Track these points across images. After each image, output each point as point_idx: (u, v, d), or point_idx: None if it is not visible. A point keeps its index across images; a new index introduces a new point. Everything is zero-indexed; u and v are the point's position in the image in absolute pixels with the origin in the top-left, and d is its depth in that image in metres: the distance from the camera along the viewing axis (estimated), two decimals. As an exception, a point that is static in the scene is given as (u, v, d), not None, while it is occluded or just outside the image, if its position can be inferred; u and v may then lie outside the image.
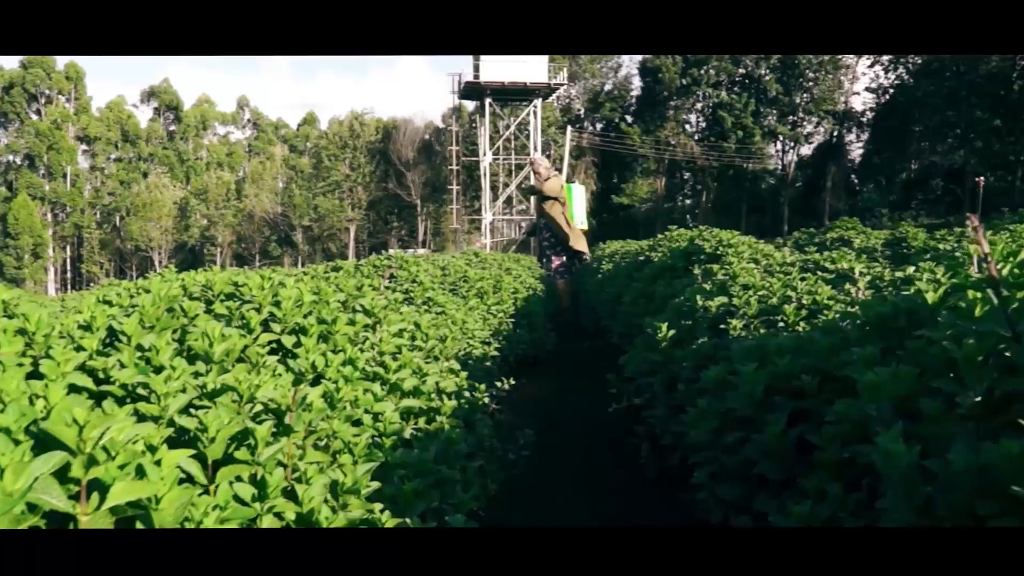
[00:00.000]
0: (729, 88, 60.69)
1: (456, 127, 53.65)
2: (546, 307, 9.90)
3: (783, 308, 3.06)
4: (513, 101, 50.59)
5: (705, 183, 63.50)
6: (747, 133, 59.14)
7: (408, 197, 66.69)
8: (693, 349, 3.28)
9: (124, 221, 72.14)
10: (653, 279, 6.43)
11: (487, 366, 5.22)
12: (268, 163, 74.32)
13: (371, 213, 70.95)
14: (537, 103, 48.49)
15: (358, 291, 3.19)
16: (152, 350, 1.80)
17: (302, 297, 2.60)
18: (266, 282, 2.61)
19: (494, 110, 50.05)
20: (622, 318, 6.59)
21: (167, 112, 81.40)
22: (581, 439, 4.64)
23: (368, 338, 2.80)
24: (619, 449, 4.14)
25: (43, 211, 70.77)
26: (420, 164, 66.15)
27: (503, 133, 51.26)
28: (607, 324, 7.41)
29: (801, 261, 4.45)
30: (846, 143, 62.51)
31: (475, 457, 2.97)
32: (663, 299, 5.67)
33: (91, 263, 72.88)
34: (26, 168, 71.01)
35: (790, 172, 62.33)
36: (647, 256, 7.57)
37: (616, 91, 67.11)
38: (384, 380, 2.49)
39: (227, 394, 1.68)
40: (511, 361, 6.41)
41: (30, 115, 72.38)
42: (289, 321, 2.45)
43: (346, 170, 69.47)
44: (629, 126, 62.98)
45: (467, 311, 5.94)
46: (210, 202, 72.11)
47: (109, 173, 75.74)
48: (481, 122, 49.51)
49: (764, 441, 2.11)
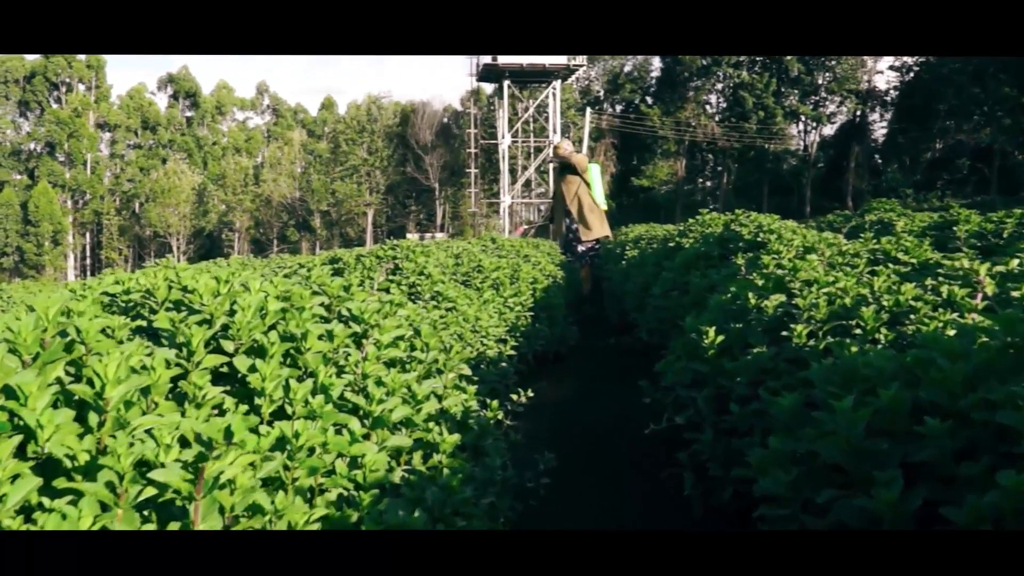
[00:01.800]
0: (750, 68, 59.65)
1: (474, 110, 53.04)
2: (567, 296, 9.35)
3: (860, 311, 2.50)
4: (532, 83, 50.03)
5: (726, 164, 62.62)
6: (768, 113, 58.13)
7: (426, 181, 66.04)
8: (747, 360, 2.72)
9: (143, 208, 72.05)
10: (686, 268, 5.86)
11: (503, 367, 4.67)
12: (286, 148, 73.85)
13: (389, 197, 70.41)
14: (556, 85, 47.81)
15: (345, 292, 2.65)
16: (20, 397, 1.27)
17: (266, 304, 2.06)
18: (222, 286, 2.07)
19: (513, 92, 49.44)
20: (652, 311, 6.03)
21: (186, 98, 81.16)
22: (610, 462, 4.04)
23: (352, 355, 2.26)
24: (655, 478, 3.56)
25: (63, 198, 70.80)
26: (438, 147, 65.45)
27: (522, 115, 50.61)
28: (635, 317, 6.84)
29: (868, 251, 3.85)
30: (869, 122, 61.34)
31: (484, 492, 2.44)
32: (699, 291, 5.11)
33: (110, 249, 72.87)
34: (47, 156, 71.02)
35: (812, 153, 61.33)
36: (677, 242, 6.99)
37: (636, 72, 66.27)
38: (366, 413, 1.96)
39: (103, 473, 1.15)
40: (530, 359, 5.87)
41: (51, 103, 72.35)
42: (244, 337, 1.92)
43: (364, 154, 68.93)
44: (649, 107, 62.18)
45: (481, 305, 5.40)
46: (228, 188, 71.81)
47: (129, 160, 75.70)
48: (499, 104, 48.92)
49: (871, 508, 1.55)
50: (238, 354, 1.90)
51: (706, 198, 64.22)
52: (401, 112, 69.24)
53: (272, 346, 1.86)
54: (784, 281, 3.14)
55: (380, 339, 2.48)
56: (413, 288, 4.56)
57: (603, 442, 4.38)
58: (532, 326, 6.15)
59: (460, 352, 2.83)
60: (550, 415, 4.86)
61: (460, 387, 2.83)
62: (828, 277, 3.05)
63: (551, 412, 4.93)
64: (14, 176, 72.03)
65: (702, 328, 2.99)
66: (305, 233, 72.07)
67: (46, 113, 71.28)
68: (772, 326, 2.89)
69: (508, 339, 5.13)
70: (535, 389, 4.91)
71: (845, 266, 3.44)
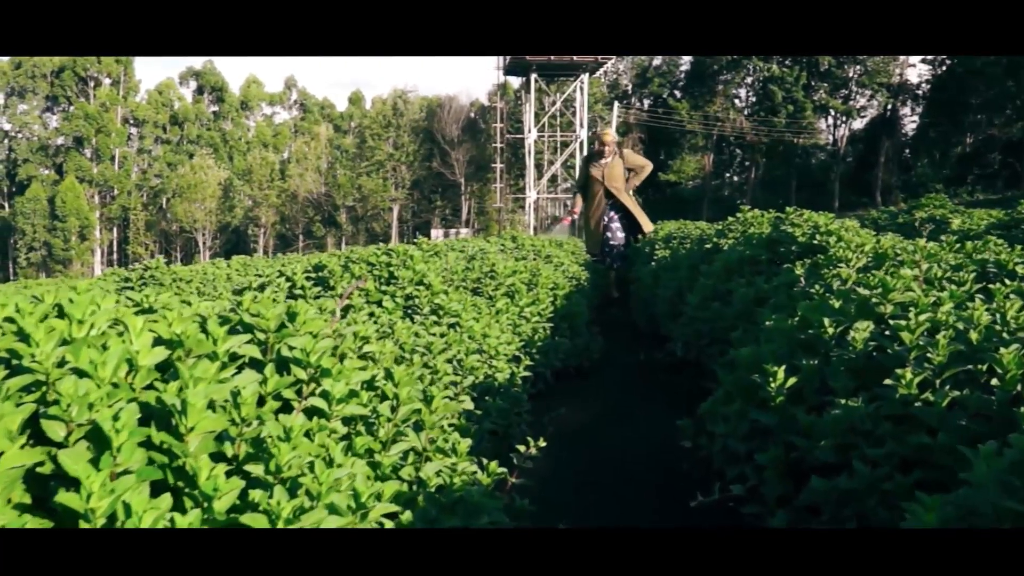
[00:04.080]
0: (780, 62, 58.54)
1: (501, 104, 52.22)
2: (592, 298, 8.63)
3: (998, 354, 1.78)
4: (559, 76, 49.28)
5: (754, 159, 61.58)
6: (798, 107, 57.04)
7: (452, 176, 65.37)
8: (834, 416, 2.01)
9: (170, 202, 72.08)
10: (727, 274, 5.12)
11: (515, 392, 3.97)
12: (312, 143, 73.47)
13: (415, 192, 69.89)
14: (584, 78, 47.02)
15: (289, 323, 1.96)
16: None
17: (136, 358, 1.38)
18: (75, 328, 1.40)
19: (540, 86, 48.70)
20: (687, 322, 5.30)
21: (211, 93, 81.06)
22: (641, 518, 3.27)
23: (275, 426, 1.56)
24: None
25: (90, 193, 70.95)
26: (465, 142, 64.77)
27: (548, 110, 49.84)
28: (667, 328, 6.10)
29: (975, 263, 3.08)
30: (900, 116, 60.00)
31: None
32: (744, 303, 4.38)
33: (137, 244, 72.99)
34: (75, 151, 71.19)
35: (842, 147, 60.12)
36: (715, 242, 6.23)
37: (664, 66, 65.36)
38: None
39: None
40: (548, 377, 5.16)
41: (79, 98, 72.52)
42: (81, 416, 1.24)
43: (390, 149, 68.44)
44: (677, 101, 61.33)
45: (493, 317, 4.70)
46: (254, 183, 71.57)
47: (156, 155, 75.79)
48: (526, 98, 48.23)
49: None
50: (71, 444, 1.22)
51: (734, 193, 63.30)
52: (427, 107, 68.62)
53: (120, 433, 1.17)
54: (870, 303, 2.42)
55: (332, 391, 1.80)
56: (410, 300, 3.88)
57: (634, 499, 3.46)
58: (552, 339, 5.45)
59: (443, 406, 2.13)
60: (570, 453, 4.13)
61: (446, 448, 2.13)
62: (929, 298, 2.33)
63: (571, 447, 4.19)
64: (42, 171, 72.27)
65: (768, 368, 2.27)
66: (331, 228, 71.73)
67: (74, 108, 71.42)
68: (861, 366, 2.17)
69: (522, 357, 4.42)
70: (553, 418, 4.22)
71: (946, 281, 2.70)
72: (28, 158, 71.76)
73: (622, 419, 4.76)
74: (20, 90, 72.82)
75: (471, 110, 67.40)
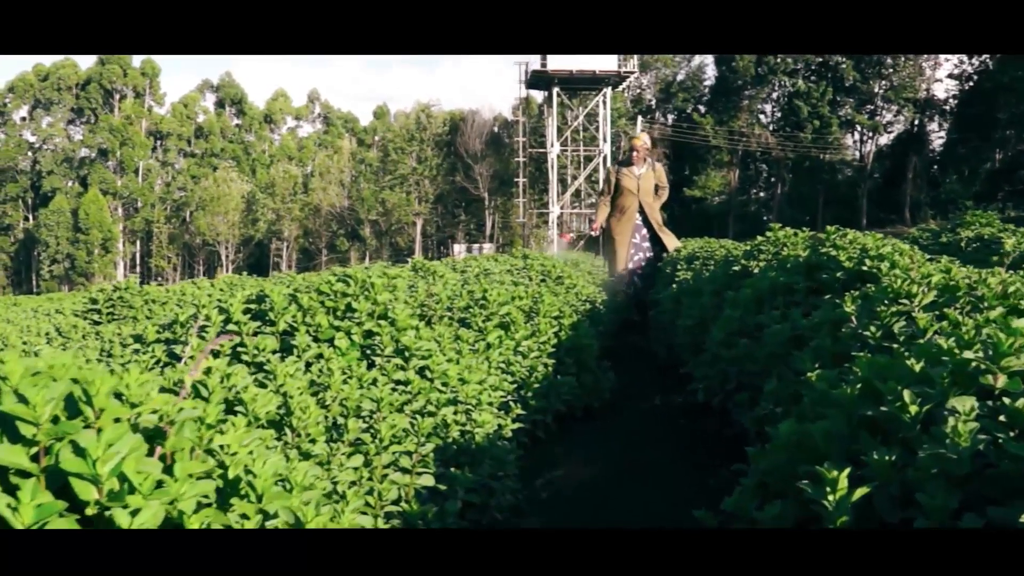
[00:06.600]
0: (805, 77, 57.70)
1: (523, 118, 51.61)
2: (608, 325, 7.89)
3: None
4: (582, 90, 48.69)
5: (780, 175, 60.65)
6: (824, 123, 56.14)
7: (475, 190, 64.81)
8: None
9: (193, 215, 72.13)
10: (757, 304, 4.37)
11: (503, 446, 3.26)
12: (336, 156, 73.27)
13: (438, 207, 69.44)
14: (606, 92, 46.37)
15: (87, 405, 1.27)
16: None
17: None
18: None
19: (562, 100, 48.08)
20: (710, 361, 4.56)
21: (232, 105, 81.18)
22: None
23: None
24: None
25: (114, 206, 71.13)
26: (488, 156, 64.21)
27: (571, 124, 49.20)
28: (688, 361, 5.34)
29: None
30: (927, 132, 58.84)
31: None
32: (777, 342, 3.65)
33: (159, 257, 73.08)
34: (99, 163, 71.44)
35: (868, 163, 59.07)
36: (743, 265, 5.48)
37: (689, 81, 64.61)
38: None
39: None
40: (549, 423, 4.43)
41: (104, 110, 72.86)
42: None
43: (413, 163, 68.06)
44: (702, 116, 60.56)
45: (481, 355, 3.99)
46: (277, 196, 71.43)
47: (180, 168, 75.96)
48: (549, 112, 47.64)
49: None
50: None
51: (760, 209, 62.45)
52: (450, 121, 68.22)
53: None
54: (972, 368, 1.69)
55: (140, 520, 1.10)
56: (369, 338, 3.17)
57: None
58: (554, 376, 4.72)
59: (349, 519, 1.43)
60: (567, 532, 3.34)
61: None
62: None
63: (567, 523, 3.41)
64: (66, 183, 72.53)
65: (824, 473, 1.54)
66: (355, 242, 71.38)
67: (99, 120, 71.71)
68: (967, 473, 1.45)
69: (512, 405, 3.70)
70: (548, 480, 3.49)
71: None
72: (52, 170, 72.09)
73: (633, 479, 3.98)
74: (46, 102, 73.24)
75: (494, 124, 66.90)
